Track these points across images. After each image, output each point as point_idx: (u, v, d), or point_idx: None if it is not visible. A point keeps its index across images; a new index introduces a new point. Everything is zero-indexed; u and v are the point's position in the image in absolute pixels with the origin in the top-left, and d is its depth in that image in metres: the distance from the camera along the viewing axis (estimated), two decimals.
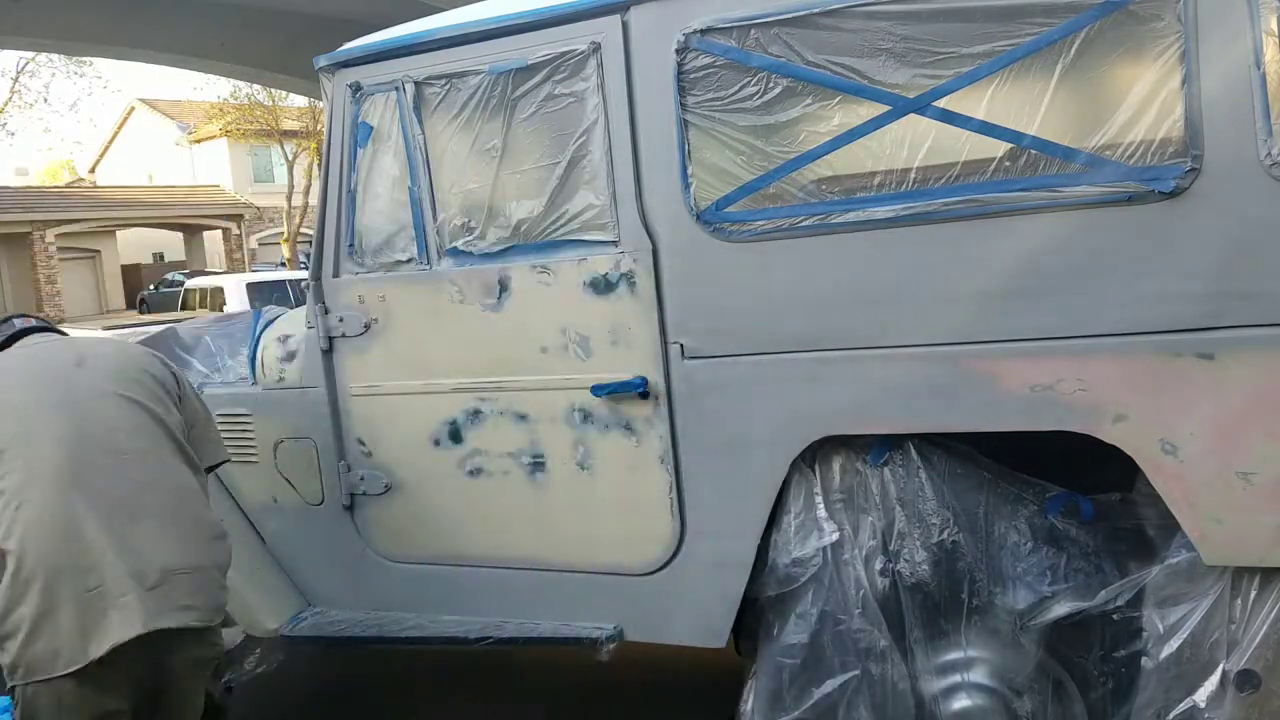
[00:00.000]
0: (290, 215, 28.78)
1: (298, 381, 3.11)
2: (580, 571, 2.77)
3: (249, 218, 35.68)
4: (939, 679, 2.39)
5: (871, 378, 2.34)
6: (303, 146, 28.75)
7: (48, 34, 19.42)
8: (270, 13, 17.37)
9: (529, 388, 2.75)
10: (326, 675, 4.07)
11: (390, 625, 3.02)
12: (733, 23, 2.40)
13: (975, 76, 2.22)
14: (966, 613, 2.34)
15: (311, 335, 3.04)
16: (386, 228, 2.93)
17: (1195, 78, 2.04)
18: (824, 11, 2.31)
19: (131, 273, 35.38)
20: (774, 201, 2.43)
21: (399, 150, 2.86)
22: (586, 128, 2.61)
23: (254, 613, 3.11)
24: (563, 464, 2.74)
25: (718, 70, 2.44)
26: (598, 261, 2.62)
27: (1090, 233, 2.14)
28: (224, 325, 3.79)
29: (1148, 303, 2.10)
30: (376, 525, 3.05)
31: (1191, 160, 2.05)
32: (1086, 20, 2.12)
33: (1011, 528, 2.32)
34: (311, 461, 3.12)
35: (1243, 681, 2.10)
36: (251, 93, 28.08)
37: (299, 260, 26.32)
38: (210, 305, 15.23)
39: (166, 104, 40.49)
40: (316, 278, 3.01)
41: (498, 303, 2.76)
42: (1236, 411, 2.05)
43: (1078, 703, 2.31)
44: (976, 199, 2.21)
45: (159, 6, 17.29)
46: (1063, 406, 2.18)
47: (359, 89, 2.89)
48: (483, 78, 2.72)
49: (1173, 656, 2.15)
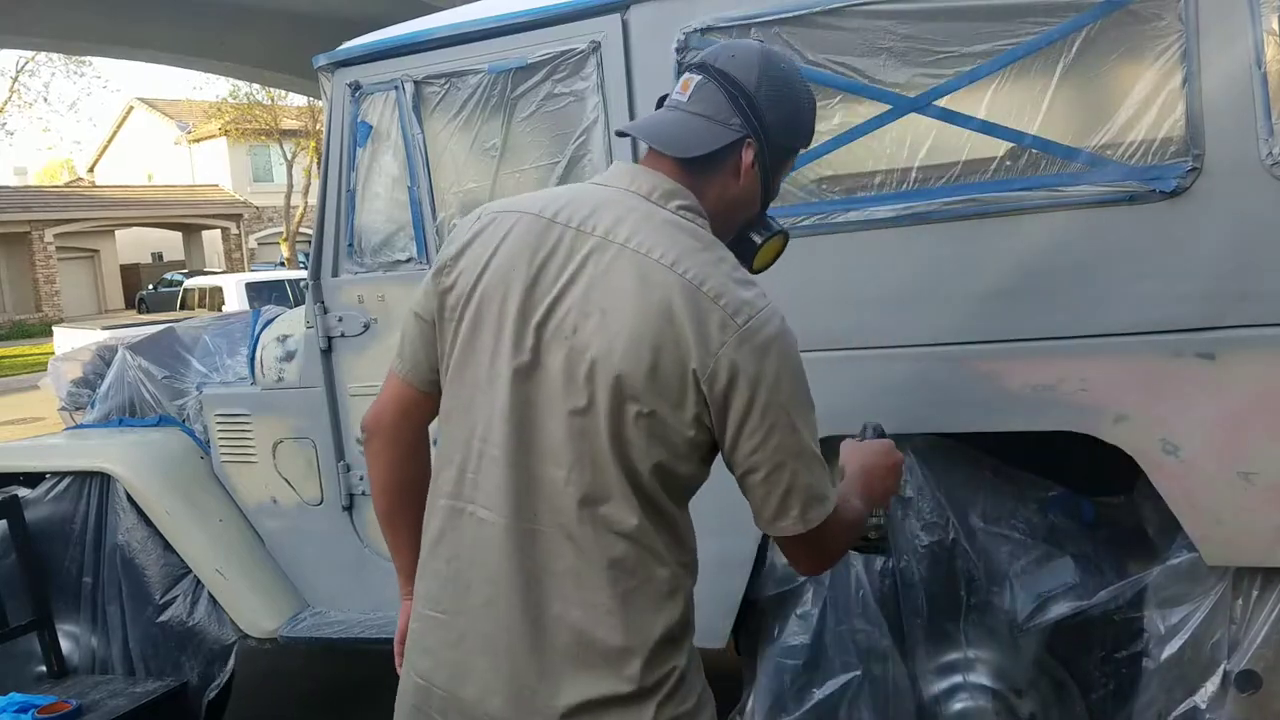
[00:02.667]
0: (289, 215, 28.78)
1: (297, 381, 3.11)
2: None
3: (248, 217, 35.69)
4: (940, 680, 2.39)
5: (872, 378, 2.34)
6: (302, 146, 28.74)
7: (48, 34, 19.40)
8: (270, 12, 17.35)
9: None
10: (326, 675, 4.06)
11: (389, 626, 3.01)
12: (733, 21, 2.40)
13: (976, 76, 2.21)
14: (967, 613, 2.34)
15: (311, 335, 3.03)
16: (386, 227, 2.93)
17: (1196, 77, 2.04)
18: (824, 10, 2.31)
19: (130, 272, 35.39)
20: (773, 201, 2.42)
21: (398, 149, 2.86)
22: (586, 127, 2.61)
23: (252, 613, 3.11)
24: None
25: None
26: None
27: (1091, 232, 2.14)
28: (223, 325, 3.79)
29: (1149, 303, 2.10)
30: (376, 525, 3.04)
31: (1192, 160, 2.05)
32: (1087, 19, 2.11)
33: (1012, 528, 2.32)
34: (311, 462, 3.11)
35: (1244, 682, 2.10)
36: (251, 92, 28.08)
37: (298, 260, 26.31)
38: (209, 305, 15.23)
39: (165, 103, 40.49)
40: (315, 277, 3.00)
41: None
42: (1237, 411, 2.05)
43: (1079, 703, 2.30)
44: (977, 199, 2.21)
45: (159, 6, 17.27)
46: (1064, 407, 2.18)
47: (358, 88, 2.88)
48: (482, 77, 2.71)
49: (1174, 657, 2.15)
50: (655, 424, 1.33)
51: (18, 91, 30.17)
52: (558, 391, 1.35)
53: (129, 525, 3.21)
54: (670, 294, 1.32)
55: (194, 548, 3.16)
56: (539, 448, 1.36)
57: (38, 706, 2.97)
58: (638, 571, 1.36)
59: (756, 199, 1.52)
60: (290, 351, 3.14)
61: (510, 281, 1.39)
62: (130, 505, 3.21)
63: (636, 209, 1.40)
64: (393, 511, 1.63)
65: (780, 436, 1.33)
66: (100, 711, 3.01)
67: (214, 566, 3.13)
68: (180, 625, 3.16)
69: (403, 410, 1.55)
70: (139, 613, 3.21)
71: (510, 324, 1.38)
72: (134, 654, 3.23)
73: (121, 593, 3.23)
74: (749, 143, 1.45)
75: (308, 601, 3.20)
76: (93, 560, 3.27)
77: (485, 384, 1.39)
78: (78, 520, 3.29)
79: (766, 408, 1.32)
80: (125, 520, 3.22)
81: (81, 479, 3.30)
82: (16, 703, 2.99)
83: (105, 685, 3.18)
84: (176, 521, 3.17)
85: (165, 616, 3.17)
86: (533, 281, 1.38)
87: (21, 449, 3.73)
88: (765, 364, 1.32)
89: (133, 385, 3.57)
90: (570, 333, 1.35)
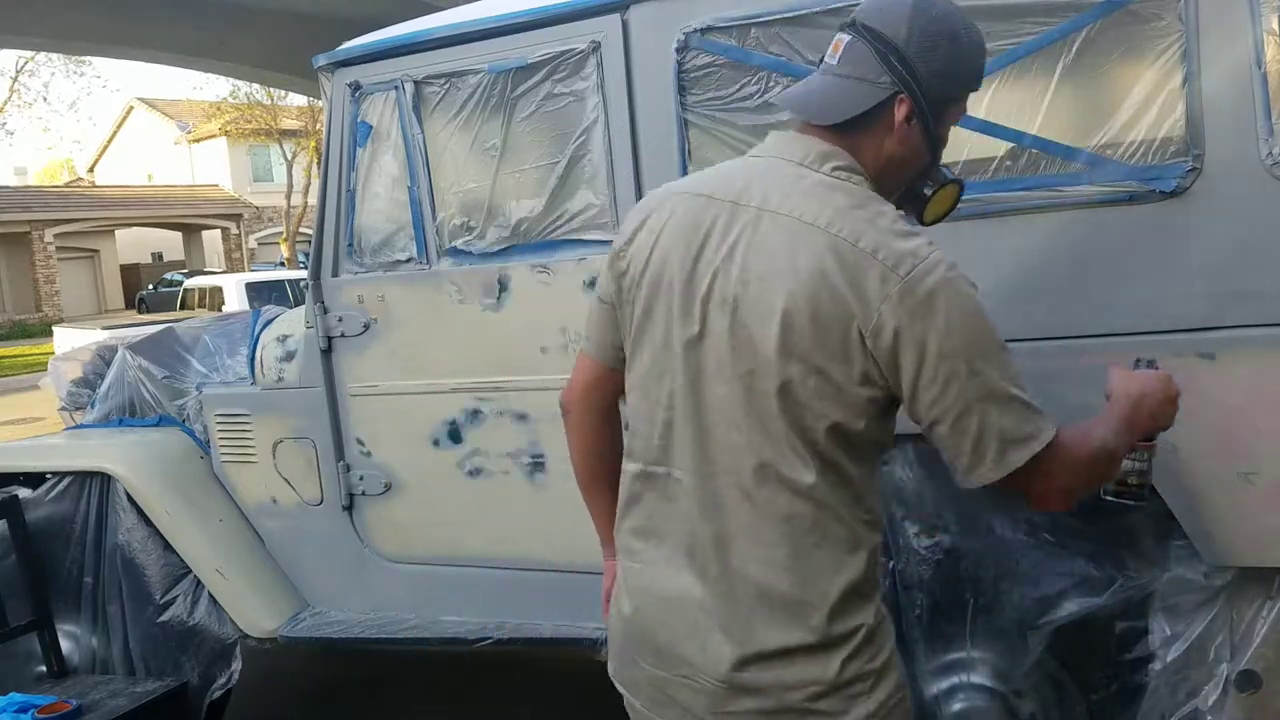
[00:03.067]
0: (289, 215, 28.77)
1: (297, 381, 3.11)
2: (580, 571, 2.76)
3: (248, 217, 35.69)
4: (940, 680, 2.39)
5: None
6: (302, 146, 28.74)
7: (48, 34, 19.40)
8: (270, 12, 17.35)
9: (529, 387, 2.74)
10: (326, 675, 4.06)
11: (389, 625, 3.01)
12: (733, 22, 2.40)
13: None
14: (968, 614, 2.34)
15: (310, 335, 3.03)
16: (386, 227, 2.93)
17: (1196, 77, 2.03)
18: (824, 10, 2.31)
19: (130, 272, 35.39)
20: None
21: (398, 149, 2.86)
22: (586, 127, 2.61)
23: (253, 613, 3.11)
24: (563, 464, 2.73)
25: (718, 69, 2.44)
26: (598, 261, 2.61)
27: (1091, 232, 2.14)
28: (223, 325, 3.79)
29: (1149, 302, 2.10)
30: (375, 525, 3.05)
31: (1192, 160, 2.05)
32: (1087, 19, 2.11)
33: (1012, 528, 2.32)
34: (310, 462, 3.11)
35: (1243, 682, 2.10)
36: (251, 92, 28.08)
37: (298, 260, 26.30)
38: (209, 305, 15.22)
39: (165, 103, 40.50)
40: (315, 277, 3.00)
41: (497, 302, 2.76)
42: (1237, 411, 2.05)
43: (1079, 704, 2.30)
44: (977, 199, 2.21)
45: (159, 6, 17.27)
46: (1063, 407, 2.17)
47: (358, 88, 2.88)
48: (482, 77, 2.71)
49: (1175, 659, 2.15)
50: (824, 384, 1.35)
51: (18, 91, 30.21)
52: (725, 359, 1.39)
53: (129, 525, 3.21)
54: (823, 254, 1.33)
55: (194, 547, 3.16)
56: (715, 413, 1.41)
57: (38, 706, 2.97)
58: (815, 529, 1.39)
59: (921, 152, 1.49)
60: (290, 351, 3.14)
61: (676, 261, 1.44)
62: (130, 505, 3.21)
63: (788, 175, 1.42)
64: (593, 476, 1.72)
65: (960, 384, 1.32)
66: (100, 711, 3.01)
67: (214, 566, 3.14)
68: (180, 625, 3.16)
69: (593, 382, 1.65)
70: (139, 613, 3.21)
71: (678, 300, 1.44)
72: (134, 654, 3.22)
73: (122, 593, 3.23)
74: (901, 99, 1.42)
75: (308, 601, 3.20)
76: (93, 560, 3.27)
77: (663, 359, 1.46)
78: (78, 520, 3.29)
79: (940, 357, 1.31)
80: (125, 520, 3.22)
81: (82, 479, 3.29)
82: (16, 703, 2.99)
83: (105, 685, 3.18)
84: (177, 521, 3.17)
85: (165, 616, 3.17)
86: (695, 258, 1.43)
87: (22, 449, 3.73)
88: (933, 313, 1.31)
89: (133, 385, 3.57)
90: (731, 302, 1.39)
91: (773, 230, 1.38)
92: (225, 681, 3.13)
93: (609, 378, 1.63)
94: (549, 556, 2.80)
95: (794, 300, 1.34)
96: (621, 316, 1.55)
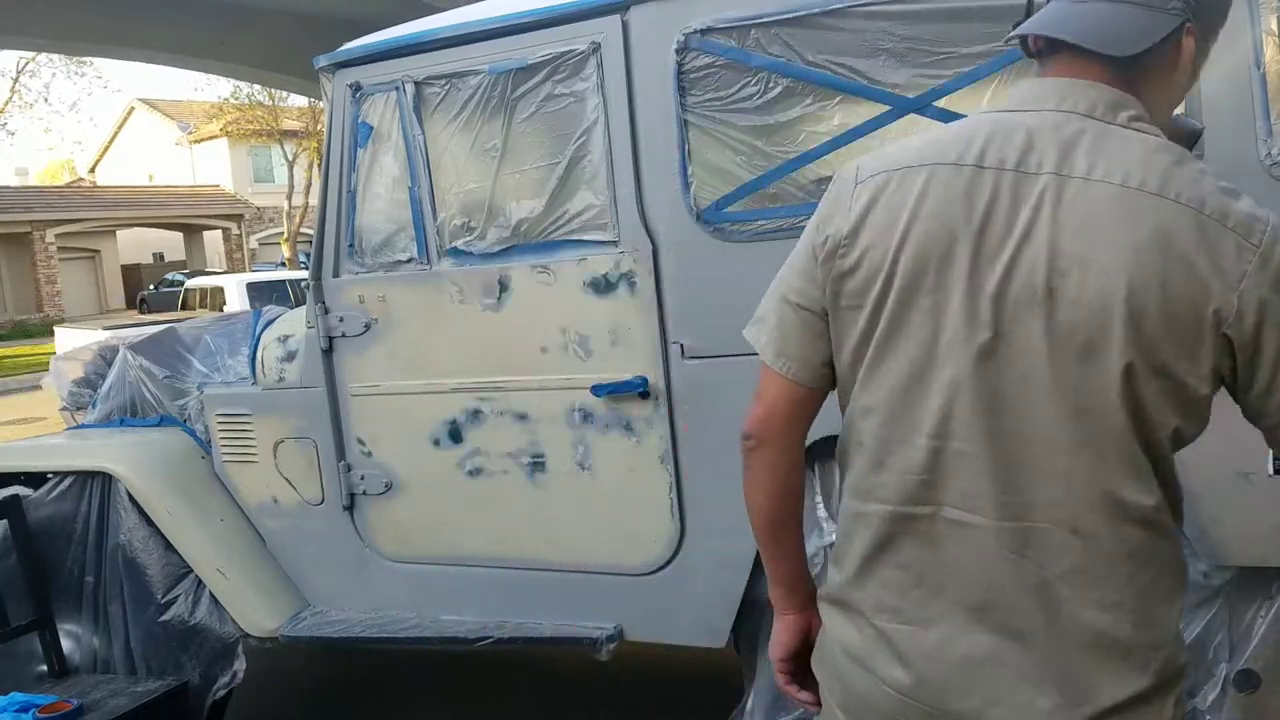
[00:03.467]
0: (290, 215, 28.78)
1: (298, 381, 3.11)
2: (580, 571, 2.77)
3: (249, 218, 35.71)
4: None
5: None
6: (303, 146, 28.77)
7: (48, 34, 19.44)
8: (270, 12, 17.38)
9: (529, 388, 2.75)
10: (326, 675, 4.07)
11: (390, 625, 3.01)
12: (733, 23, 2.40)
13: (975, 76, 2.22)
14: None
15: (311, 335, 3.03)
16: (386, 228, 2.93)
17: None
18: (824, 11, 2.31)
19: (131, 273, 35.40)
20: (774, 201, 2.43)
21: (399, 150, 2.86)
22: (586, 128, 2.61)
23: (254, 612, 3.11)
24: (563, 464, 2.74)
25: (718, 70, 2.44)
26: (598, 261, 2.62)
27: None
28: (224, 325, 3.79)
29: None
30: (376, 525, 3.05)
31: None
32: None
33: None
34: (311, 461, 3.12)
35: (1242, 681, 2.10)
36: (251, 93, 28.10)
37: (299, 260, 26.31)
38: (210, 305, 15.24)
39: (166, 104, 40.54)
40: (316, 278, 3.01)
41: (498, 303, 2.76)
42: (1237, 411, 2.05)
43: None
44: None
45: (159, 6, 17.30)
46: None
47: (359, 89, 2.89)
48: (483, 78, 2.72)
49: None
50: (1170, 384, 1.14)
51: (18, 92, 30.22)
52: (1041, 368, 1.14)
53: (130, 525, 3.21)
54: (1166, 225, 1.10)
55: (195, 547, 3.16)
56: (1025, 436, 1.16)
57: (39, 706, 2.98)
58: (1154, 557, 1.19)
59: (1184, 94, 1.29)
60: (291, 351, 3.14)
61: (945, 249, 1.17)
62: (131, 505, 3.21)
63: (1085, 131, 1.16)
64: (782, 519, 1.42)
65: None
66: (101, 711, 3.01)
67: (215, 566, 3.14)
68: (182, 625, 3.16)
69: (796, 411, 1.34)
70: (140, 612, 3.21)
71: (957, 299, 1.16)
72: (135, 653, 3.23)
73: (123, 592, 3.23)
74: (1189, 28, 1.18)
75: (308, 601, 3.21)
76: (94, 560, 3.27)
77: (929, 373, 1.19)
78: (79, 520, 3.29)
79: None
80: (126, 520, 3.22)
81: (83, 479, 3.30)
82: (17, 702, 2.99)
83: (106, 685, 3.18)
84: (178, 521, 3.17)
85: (167, 616, 3.17)
86: (976, 245, 1.16)
87: (23, 449, 3.74)
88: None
89: (134, 385, 3.57)
90: (1045, 297, 1.13)
91: (1083, 201, 1.12)
92: (229, 681, 3.13)
93: (808, 402, 1.34)
94: (549, 556, 2.81)
95: (1138, 287, 1.09)
96: (840, 325, 1.26)
